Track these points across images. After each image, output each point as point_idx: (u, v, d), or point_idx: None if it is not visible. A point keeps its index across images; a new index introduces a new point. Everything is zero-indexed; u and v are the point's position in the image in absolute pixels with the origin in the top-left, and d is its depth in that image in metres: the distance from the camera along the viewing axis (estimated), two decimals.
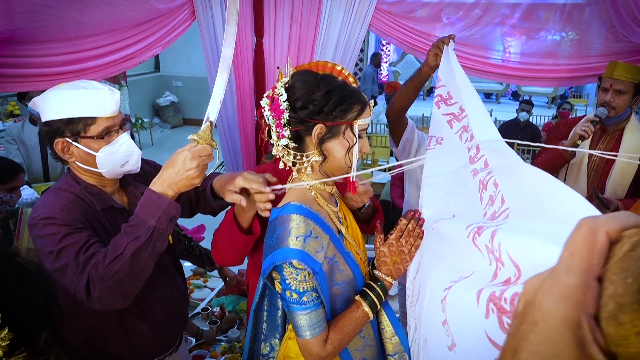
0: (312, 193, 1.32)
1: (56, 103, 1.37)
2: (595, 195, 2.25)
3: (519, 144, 1.30)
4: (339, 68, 1.82)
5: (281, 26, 3.01)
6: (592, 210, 0.68)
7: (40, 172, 3.57)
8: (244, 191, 1.42)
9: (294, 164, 1.30)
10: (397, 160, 2.92)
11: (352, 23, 2.96)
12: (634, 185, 2.26)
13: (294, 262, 1.17)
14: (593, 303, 0.36)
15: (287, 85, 1.27)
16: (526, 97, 10.28)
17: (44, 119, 1.40)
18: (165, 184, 1.26)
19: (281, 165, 1.34)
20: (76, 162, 1.44)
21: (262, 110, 1.29)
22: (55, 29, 1.98)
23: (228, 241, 1.55)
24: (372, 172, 5.24)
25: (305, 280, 1.19)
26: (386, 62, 13.82)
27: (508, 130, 6.26)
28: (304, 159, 1.28)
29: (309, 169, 1.30)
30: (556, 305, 0.36)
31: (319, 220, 1.26)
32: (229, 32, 1.34)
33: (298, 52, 3.04)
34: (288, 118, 1.24)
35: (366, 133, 1.34)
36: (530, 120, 6.55)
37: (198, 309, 3.28)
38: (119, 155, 1.44)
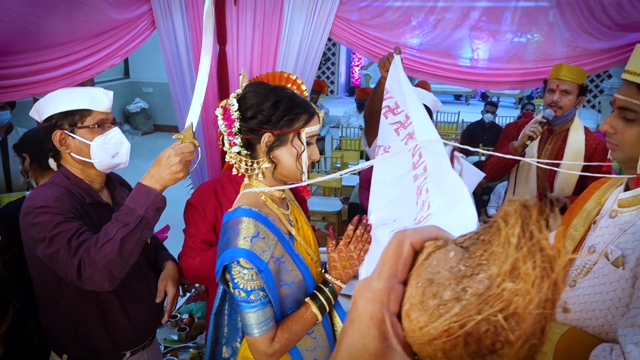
0: (262, 197, 1.38)
1: (56, 100, 1.55)
2: (544, 194, 2.35)
3: (483, 146, 1.40)
4: (293, 77, 1.93)
5: (244, 34, 3.04)
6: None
7: (2, 182, 3.51)
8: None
9: (247, 170, 1.37)
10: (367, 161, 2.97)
11: (313, 31, 3.01)
12: (580, 184, 2.37)
13: (241, 260, 1.23)
14: (396, 303, 0.42)
15: (239, 96, 1.33)
16: (494, 99, 10.54)
17: (44, 116, 1.56)
18: (153, 178, 1.42)
19: (234, 172, 1.40)
20: (71, 154, 1.59)
21: (217, 119, 1.35)
22: (9, 42, 1.98)
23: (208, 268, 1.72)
24: (341, 176, 5.33)
25: (253, 279, 1.25)
26: (358, 65, 13.96)
27: (474, 131, 6.42)
28: (255, 165, 1.35)
29: (260, 175, 1.37)
30: (366, 305, 0.42)
31: (268, 222, 1.32)
32: (207, 43, 1.47)
33: (261, 59, 3.08)
34: (239, 127, 1.31)
35: (317, 140, 1.41)
36: (496, 121, 6.72)
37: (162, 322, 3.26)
38: (110, 146, 1.60)
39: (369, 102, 2.25)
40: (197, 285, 2.85)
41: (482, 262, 0.37)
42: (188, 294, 3.73)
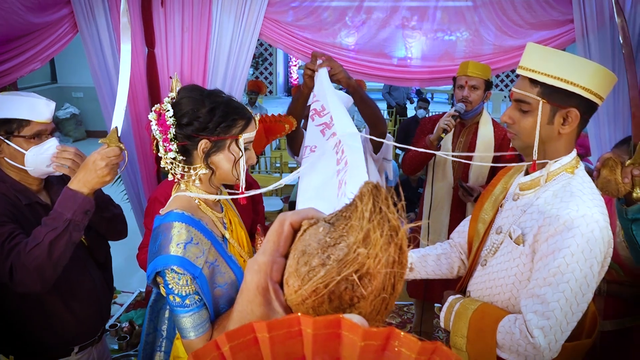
0: (196, 201, 1.38)
1: None
2: (460, 185, 2.51)
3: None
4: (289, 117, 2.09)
5: (172, 36, 3.01)
6: None
7: None
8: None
9: (182, 176, 1.36)
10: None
11: (243, 32, 3.02)
12: (492, 173, 2.54)
13: (175, 267, 1.22)
14: (278, 274, 0.50)
15: (173, 100, 1.32)
16: (428, 95, 10.97)
17: None
18: (80, 182, 1.45)
19: (170, 177, 1.39)
20: (5, 159, 1.62)
21: (150, 124, 1.34)
22: None
23: None
24: (280, 175, 5.38)
25: (187, 284, 1.24)
26: (296, 65, 14.04)
27: (409, 127, 6.65)
28: (192, 171, 1.35)
29: (197, 181, 1.36)
30: (253, 276, 0.50)
31: (201, 226, 1.32)
32: (125, 49, 1.49)
33: (191, 61, 3.06)
34: (174, 133, 1.30)
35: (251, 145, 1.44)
36: (428, 116, 6.99)
37: (106, 326, 3.18)
38: (45, 157, 1.61)
39: (290, 109, 2.29)
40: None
41: (343, 233, 0.45)
42: (126, 303, 3.67)
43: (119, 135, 1.47)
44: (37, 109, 1.60)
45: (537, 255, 1.29)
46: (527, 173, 1.45)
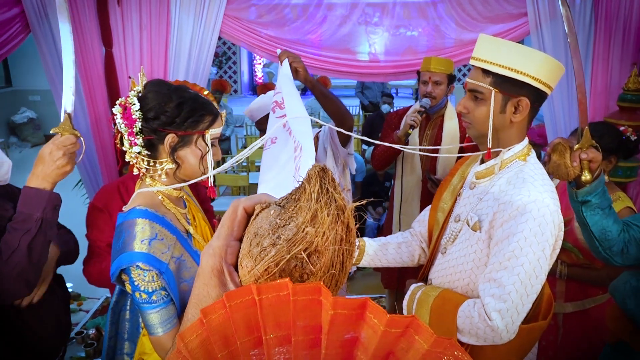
0: (160, 197, 1.37)
1: None
2: (428, 177, 2.56)
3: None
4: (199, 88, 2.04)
5: (130, 35, 2.96)
6: None
7: None
8: None
9: (148, 170, 1.35)
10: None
11: (203, 29, 3.00)
12: None
13: (140, 264, 1.22)
14: (233, 257, 0.52)
15: (139, 94, 1.31)
16: (392, 90, 11.13)
17: None
18: (39, 178, 1.37)
19: (135, 172, 1.37)
20: None
21: (114, 117, 1.32)
22: None
23: None
24: (247, 174, 5.35)
25: (153, 280, 1.24)
26: (260, 63, 13.96)
27: (374, 122, 6.72)
28: (157, 166, 1.34)
29: (163, 176, 1.36)
30: (208, 259, 0.52)
31: (165, 222, 1.32)
32: (64, 30, 1.47)
33: (151, 60, 3.01)
34: (140, 127, 1.28)
35: (219, 141, 1.43)
36: (394, 110, 7.08)
37: (72, 334, 3.11)
38: None
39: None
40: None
41: (292, 214, 0.47)
42: (92, 310, 3.59)
43: (72, 122, 1.40)
44: None
45: (492, 241, 1.33)
46: (482, 162, 1.49)
